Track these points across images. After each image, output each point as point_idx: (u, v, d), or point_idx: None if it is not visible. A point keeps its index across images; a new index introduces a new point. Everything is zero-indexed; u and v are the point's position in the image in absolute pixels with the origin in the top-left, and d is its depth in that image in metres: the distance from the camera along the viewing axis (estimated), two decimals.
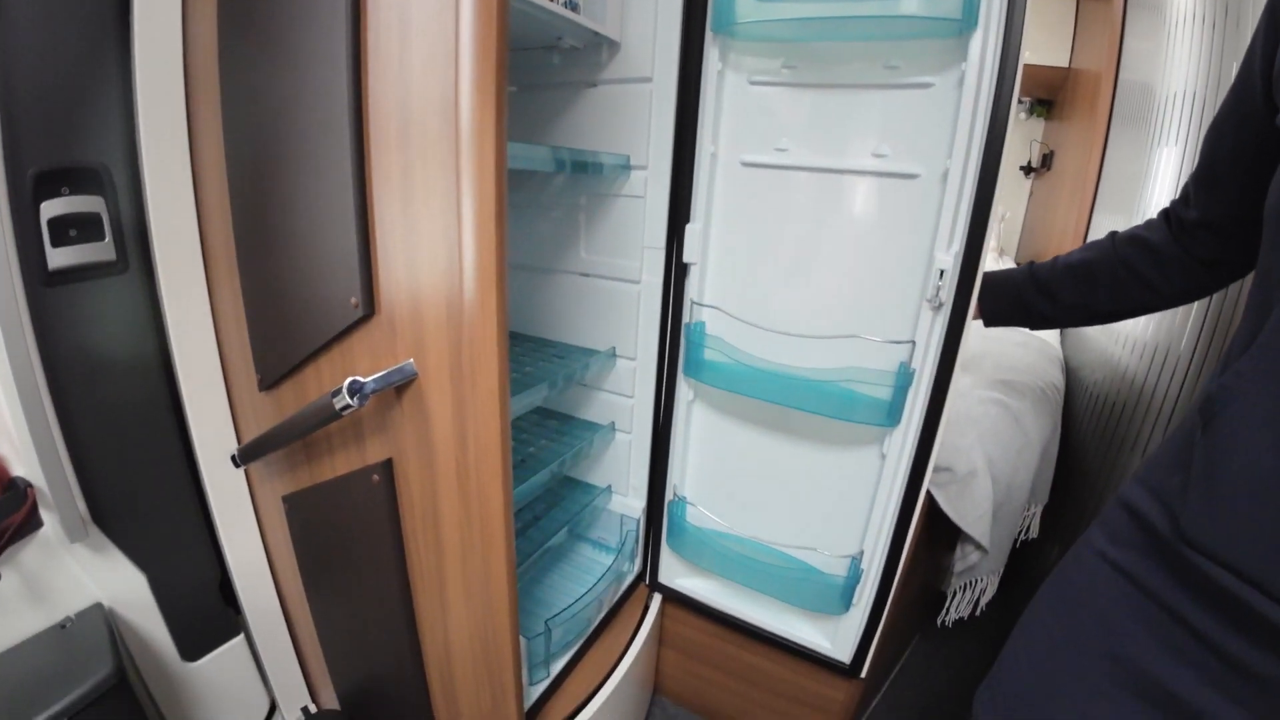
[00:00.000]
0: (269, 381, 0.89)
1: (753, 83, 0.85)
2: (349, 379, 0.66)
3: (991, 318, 0.88)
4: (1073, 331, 1.70)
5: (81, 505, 0.91)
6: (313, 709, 1.27)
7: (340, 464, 0.85)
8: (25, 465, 0.86)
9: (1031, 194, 2.47)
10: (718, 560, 1.04)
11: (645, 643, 1.14)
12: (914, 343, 0.81)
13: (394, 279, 0.67)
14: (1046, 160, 2.38)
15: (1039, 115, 2.46)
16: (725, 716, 1.33)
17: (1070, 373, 1.65)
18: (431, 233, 0.62)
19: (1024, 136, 2.43)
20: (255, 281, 0.84)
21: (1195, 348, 1.03)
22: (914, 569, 1.11)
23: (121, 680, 0.88)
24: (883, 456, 0.89)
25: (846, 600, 0.99)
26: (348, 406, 0.67)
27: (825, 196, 0.85)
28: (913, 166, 0.79)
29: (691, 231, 0.91)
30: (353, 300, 0.69)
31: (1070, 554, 0.62)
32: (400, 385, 0.70)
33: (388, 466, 0.77)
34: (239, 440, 1.02)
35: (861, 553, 0.95)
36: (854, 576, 0.97)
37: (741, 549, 1.03)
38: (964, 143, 0.72)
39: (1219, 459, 0.46)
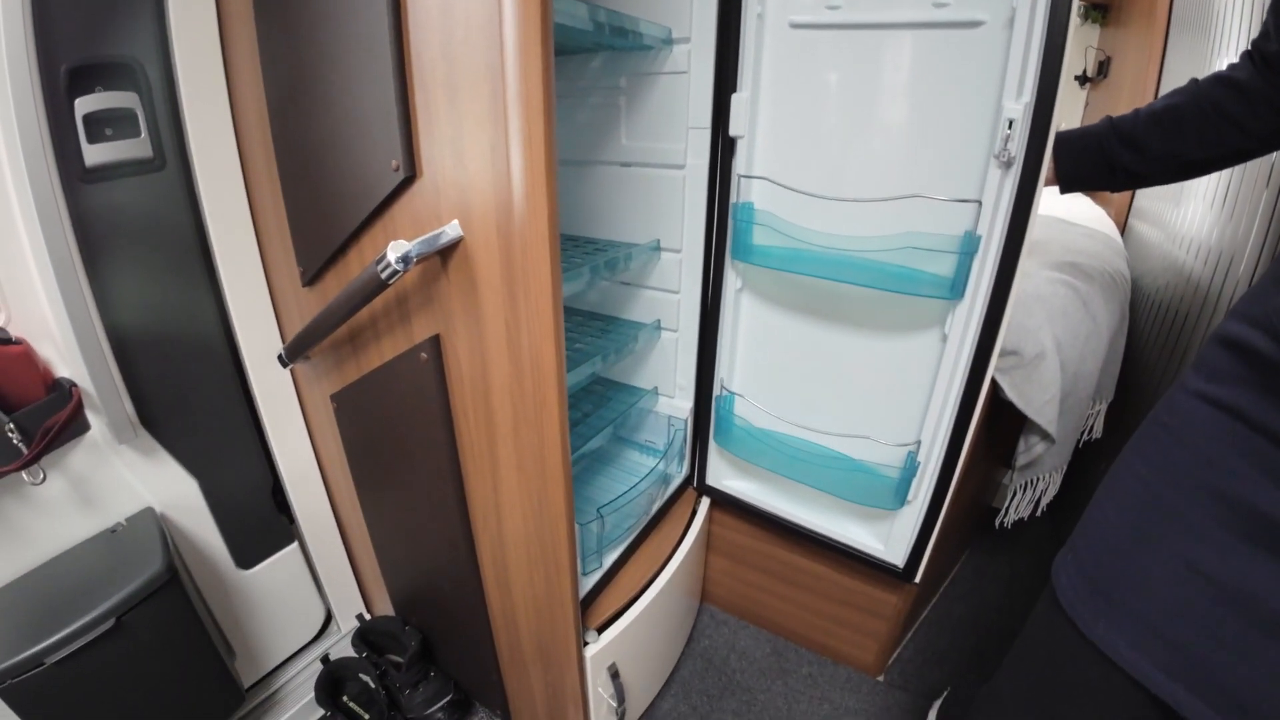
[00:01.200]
0: (311, 273, 0.88)
1: None
2: (392, 243, 0.64)
3: (1069, 180, 0.80)
4: (1135, 236, 1.61)
5: (129, 406, 0.92)
6: (367, 616, 1.31)
7: (387, 350, 0.84)
8: (70, 366, 0.87)
9: (1088, 104, 2.32)
10: (767, 455, 1.02)
11: (693, 546, 1.14)
12: (980, 203, 0.75)
13: (435, 137, 0.64)
14: (1103, 68, 2.23)
15: (1094, 21, 2.29)
16: (774, 623, 1.33)
17: (1133, 281, 1.57)
18: (474, 80, 0.59)
19: (1079, 43, 2.27)
20: (294, 170, 0.82)
21: (1261, 252, 0.97)
22: (970, 472, 1.08)
23: (173, 578, 0.90)
24: (944, 338, 0.85)
25: (902, 496, 0.96)
26: (394, 272, 0.65)
27: (884, 54, 0.79)
28: (976, 13, 0.72)
29: (738, 101, 0.86)
30: (393, 163, 0.67)
31: (1162, 402, 0.58)
32: (446, 250, 0.68)
33: (435, 343, 0.76)
34: (284, 341, 1.02)
35: (919, 443, 0.92)
36: (910, 469, 0.94)
37: (792, 442, 1.00)
38: None
39: None
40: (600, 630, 0.92)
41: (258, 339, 1.01)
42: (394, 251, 0.64)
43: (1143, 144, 0.74)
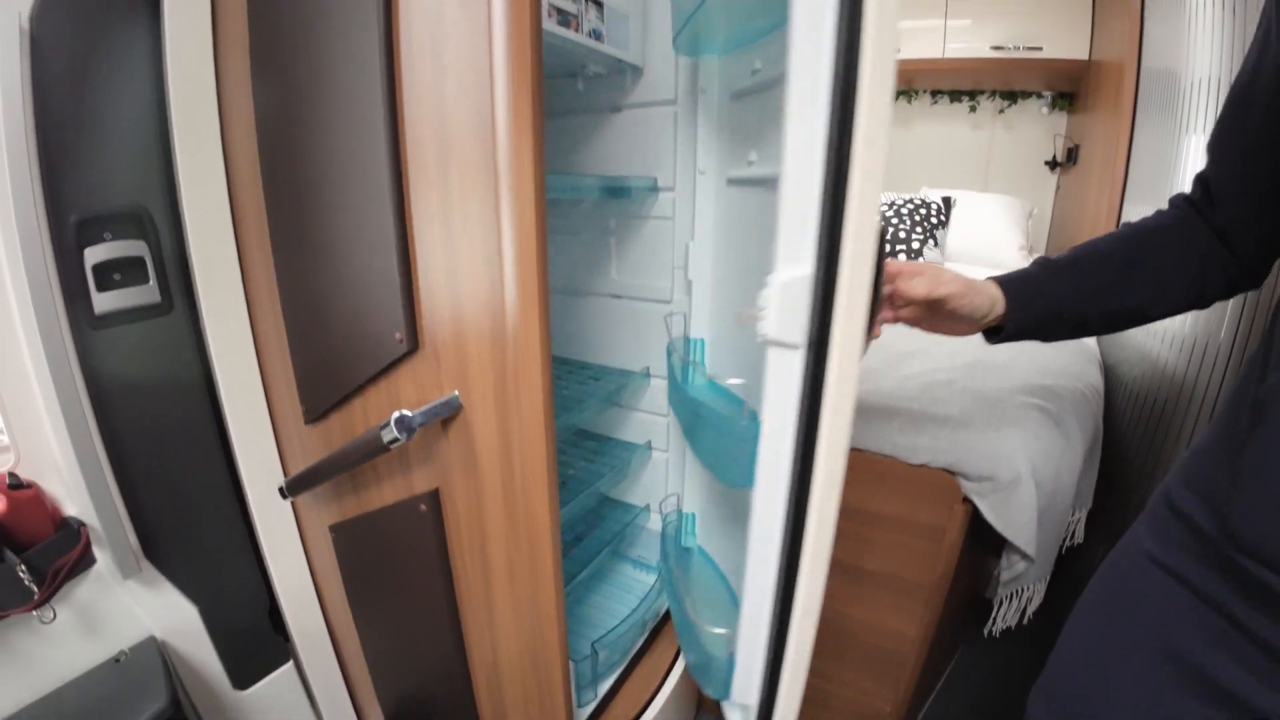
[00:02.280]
0: (315, 415, 0.91)
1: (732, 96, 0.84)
2: (396, 413, 0.68)
3: (1013, 330, 0.69)
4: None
5: (133, 540, 0.94)
6: None
7: (388, 494, 0.87)
8: (77, 505, 0.89)
9: (1059, 189, 2.44)
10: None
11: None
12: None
13: (437, 313, 0.69)
14: (1072, 154, 2.35)
15: (1061, 109, 2.43)
16: None
17: (1108, 370, 1.62)
18: (473, 265, 0.64)
19: (1046, 131, 2.41)
20: (298, 319, 0.87)
21: (1234, 339, 1.01)
22: (957, 579, 1.11)
23: (176, 712, 0.91)
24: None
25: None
26: (395, 440, 0.69)
27: (754, 207, 0.78)
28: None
29: (692, 248, 0.92)
30: (397, 335, 0.71)
31: (1116, 554, 0.61)
32: (446, 417, 0.72)
33: (435, 496, 0.79)
34: (285, 471, 1.05)
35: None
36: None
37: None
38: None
39: (1271, 459, 0.46)
40: None
41: (259, 468, 1.03)
42: (398, 422, 0.68)
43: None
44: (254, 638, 1.12)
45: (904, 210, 1.99)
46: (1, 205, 0.75)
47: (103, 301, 0.86)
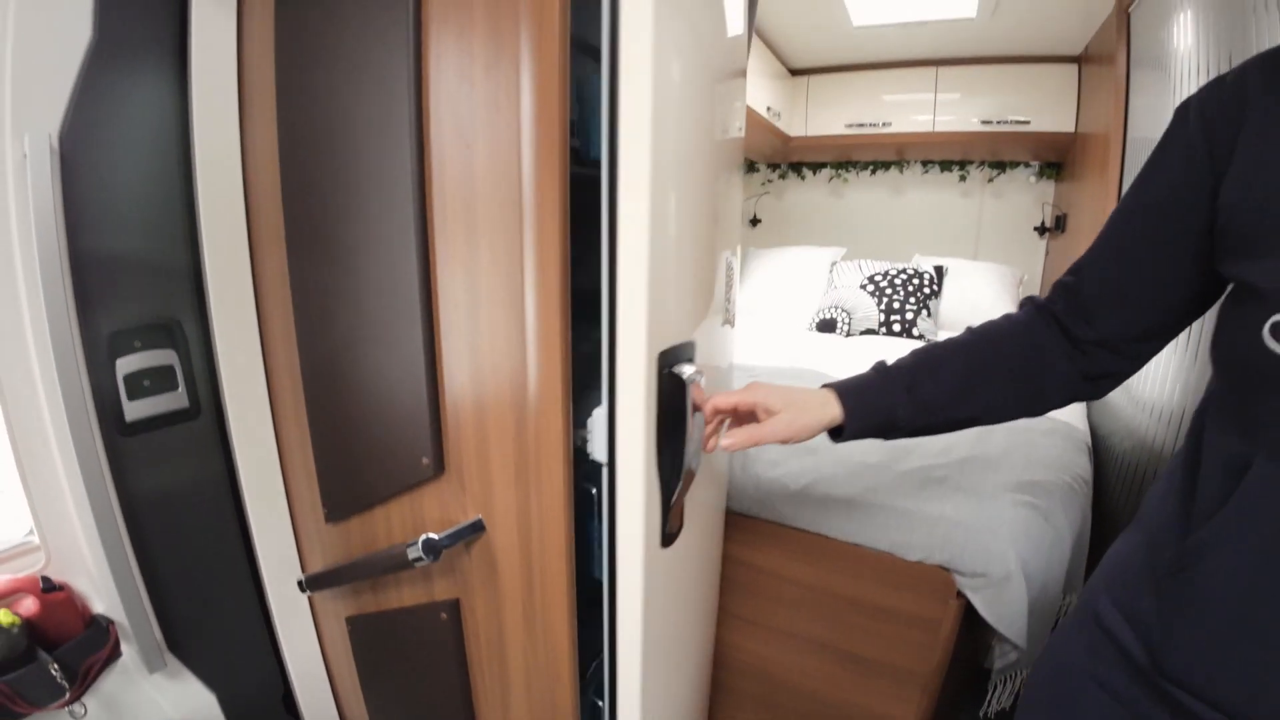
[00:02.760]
0: (336, 517, 0.96)
1: None
2: (423, 536, 0.73)
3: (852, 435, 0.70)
4: (1099, 402, 1.74)
5: (158, 635, 0.98)
6: None
7: (407, 596, 0.91)
8: (105, 602, 0.93)
9: (1048, 253, 2.53)
10: None
11: None
12: None
13: (463, 440, 0.74)
14: (1060, 222, 2.45)
15: (1048, 177, 2.53)
16: None
17: (1099, 441, 1.68)
18: (499, 394, 0.69)
19: (1035, 198, 2.51)
20: (324, 428, 0.91)
21: None
22: (953, 665, 1.15)
23: None
24: None
25: None
26: (421, 560, 0.74)
27: None
28: None
29: None
30: (424, 460, 0.77)
31: (1052, 664, 0.64)
32: (470, 539, 0.77)
33: (455, 606, 0.83)
34: (302, 562, 1.09)
35: None
36: None
37: None
38: None
39: (1196, 606, 0.50)
40: None
41: (277, 562, 1.07)
42: (425, 545, 0.73)
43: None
44: None
45: (897, 281, 2.08)
46: (36, 320, 0.80)
47: (134, 409, 0.90)
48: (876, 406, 0.68)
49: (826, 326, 2.10)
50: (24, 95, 0.75)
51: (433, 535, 0.74)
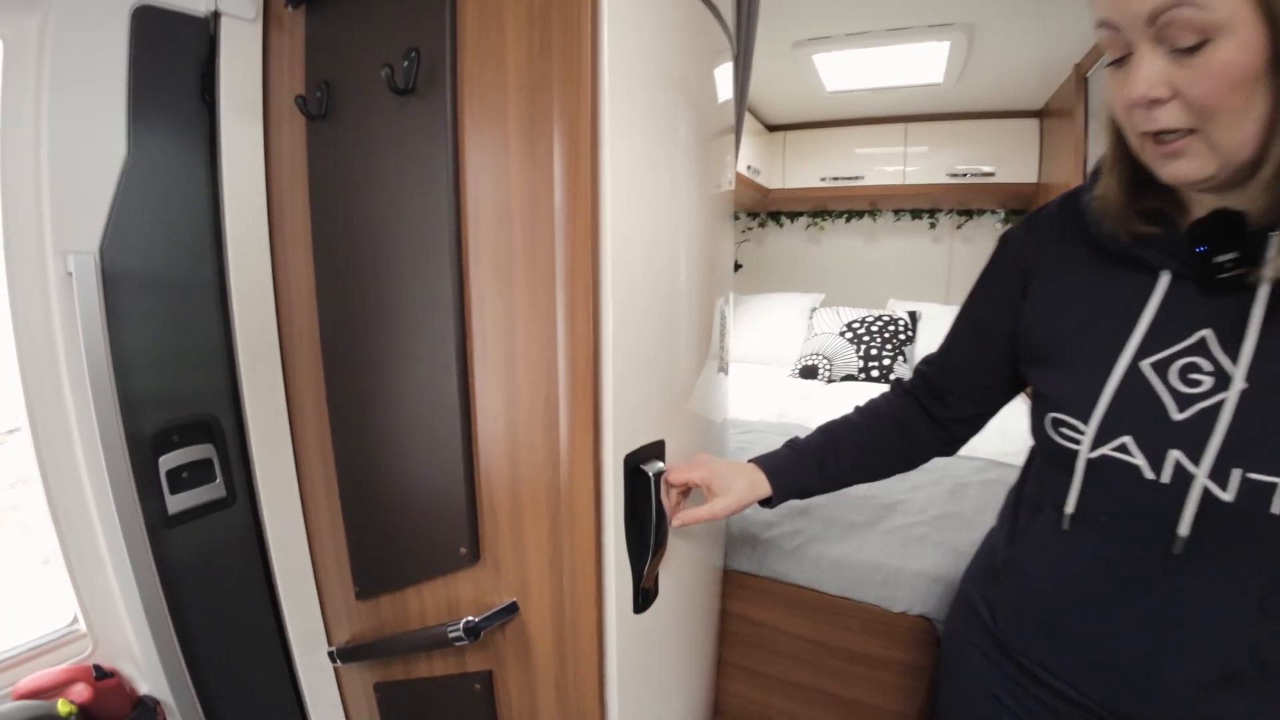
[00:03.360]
0: (368, 594, 1.04)
1: None
2: (464, 620, 0.83)
3: (778, 502, 0.86)
4: None
5: (200, 712, 1.04)
6: None
7: (438, 667, 0.99)
8: (149, 684, 1.00)
9: None
10: None
11: None
12: None
13: (499, 531, 0.83)
14: None
15: (1014, 223, 2.69)
16: None
17: None
18: (535, 490, 0.79)
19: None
20: (358, 516, 0.99)
21: None
22: None
23: None
24: None
25: None
26: (461, 640, 0.83)
27: None
28: None
29: None
30: (461, 550, 0.86)
31: (947, 635, 0.87)
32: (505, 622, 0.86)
33: (488, 678, 0.92)
34: (329, 636, 1.16)
35: None
36: None
37: None
38: None
39: (1015, 600, 0.72)
40: None
41: (306, 636, 1.14)
42: (464, 627, 0.82)
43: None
44: None
45: (874, 328, 2.22)
46: (83, 425, 0.87)
47: (175, 503, 0.97)
48: (795, 482, 0.86)
49: (809, 373, 2.23)
50: (64, 215, 0.82)
51: (473, 618, 0.83)
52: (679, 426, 0.91)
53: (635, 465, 0.79)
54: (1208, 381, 0.55)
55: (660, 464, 0.81)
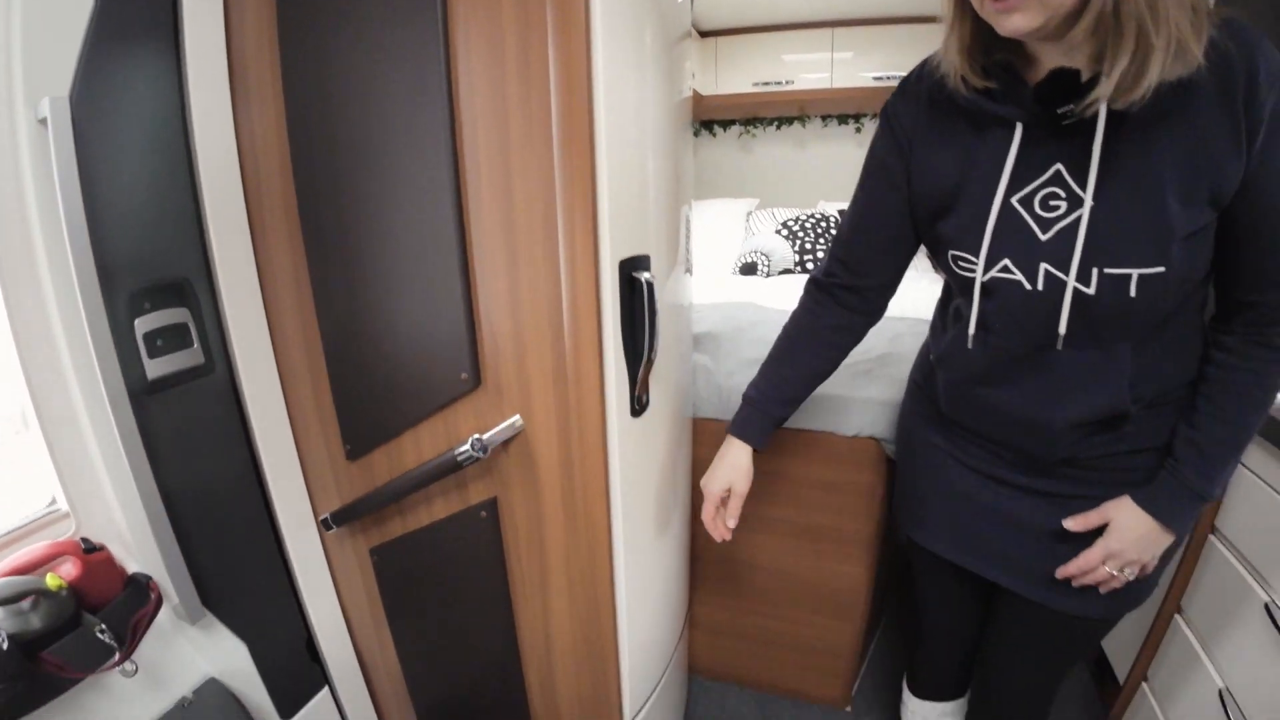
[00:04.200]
0: (360, 451, 1.08)
1: None
2: (472, 438, 0.90)
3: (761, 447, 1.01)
4: None
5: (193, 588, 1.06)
6: None
7: (439, 510, 1.06)
8: (140, 561, 1.00)
9: None
10: None
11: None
12: None
13: (500, 350, 0.89)
14: None
15: None
16: (754, 681, 1.62)
17: None
18: (535, 306, 0.85)
19: None
20: (345, 368, 1.02)
21: None
22: (889, 529, 1.45)
23: None
24: None
25: None
26: (470, 458, 0.90)
27: None
28: None
29: None
30: (463, 375, 0.92)
31: (902, 409, 1.08)
32: (509, 438, 0.94)
33: (493, 504, 1.00)
34: (315, 509, 1.20)
35: None
36: None
37: None
38: None
39: (945, 382, 0.89)
40: None
41: (293, 510, 1.17)
42: (472, 443, 0.89)
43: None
44: (294, 668, 1.24)
45: (807, 224, 2.38)
46: (60, 285, 0.86)
47: (154, 368, 0.96)
48: (765, 429, 1.00)
49: (749, 270, 2.37)
50: (35, 62, 0.80)
51: (479, 435, 0.90)
52: (662, 257, 0.99)
53: (629, 273, 0.87)
54: (1064, 205, 0.68)
55: (649, 273, 0.89)
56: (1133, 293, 0.67)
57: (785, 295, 1.50)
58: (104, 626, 0.92)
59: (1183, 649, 1.15)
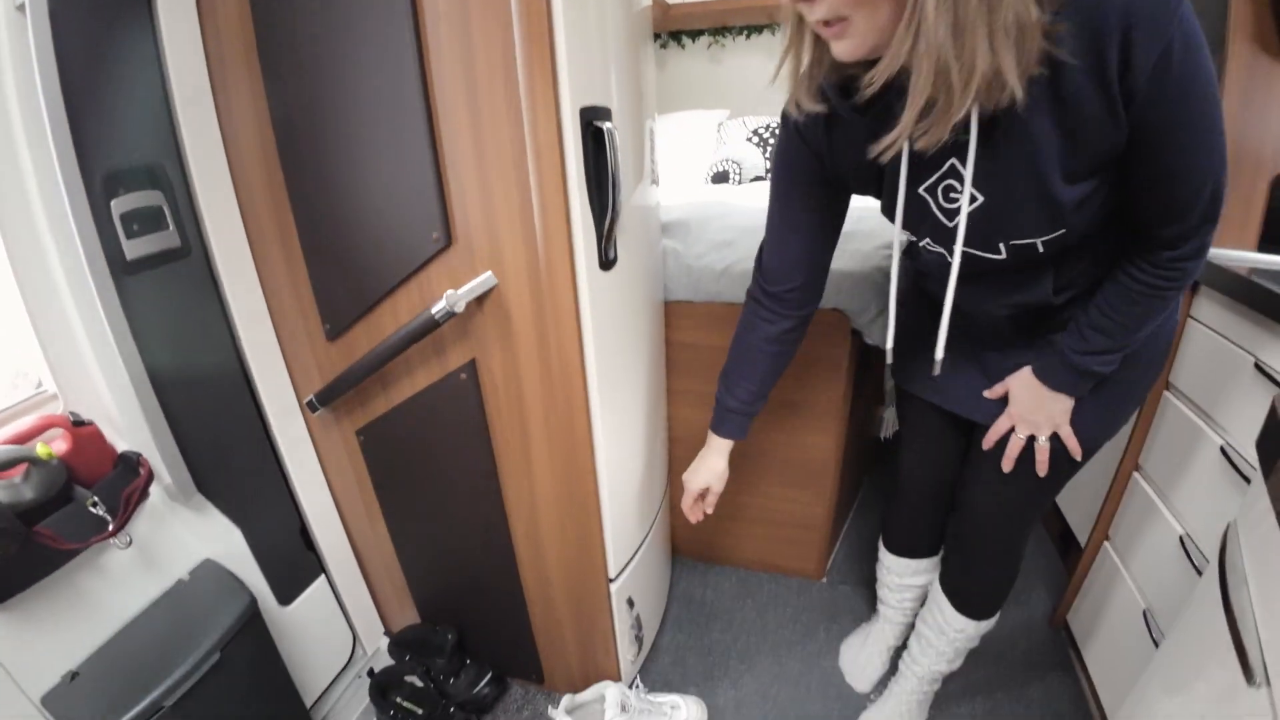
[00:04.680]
0: (339, 329, 1.12)
1: None
2: (448, 291, 0.93)
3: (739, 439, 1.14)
4: None
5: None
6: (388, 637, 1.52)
7: (420, 380, 1.10)
8: (129, 440, 1.03)
9: None
10: None
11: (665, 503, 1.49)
12: None
13: (468, 209, 0.92)
14: None
15: None
16: (734, 558, 1.72)
17: None
18: (500, 159, 0.87)
19: None
20: (319, 242, 1.04)
21: None
22: (856, 401, 1.52)
23: (256, 611, 1.12)
24: None
25: None
26: (448, 314, 0.94)
27: None
28: None
29: None
30: (434, 235, 0.95)
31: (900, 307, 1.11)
32: (482, 294, 0.98)
33: (471, 366, 1.05)
34: (298, 394, 1.24)
35: None
36: None
37: None
38: None
39: (921, 294, 0.99)
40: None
41: (276, 394, 1.21)
42: (447, 298, 0.93)
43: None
44: (290, 556, 1.30)
45: (778, 132, 2.38)
46: (40, 163, 0.88)
47: (132, 249, 0.98)
48: (743, 425, 1.13)
49: (720, 178, 2.39)
50: None
51: (452, 290, 0.94)
52: (625, 119, 1.02)
53: (590, 121, 0.90)
54: (959, 197, 0.74)
55: (610, 123, 0.92)
56: (1041, 250, 0.76)
57: (756, 196, 1.53)
58: (96, 500, 0.96)
59: (1142, 504, 1.22)
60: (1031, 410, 0.91)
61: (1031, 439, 0.93)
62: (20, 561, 0.89)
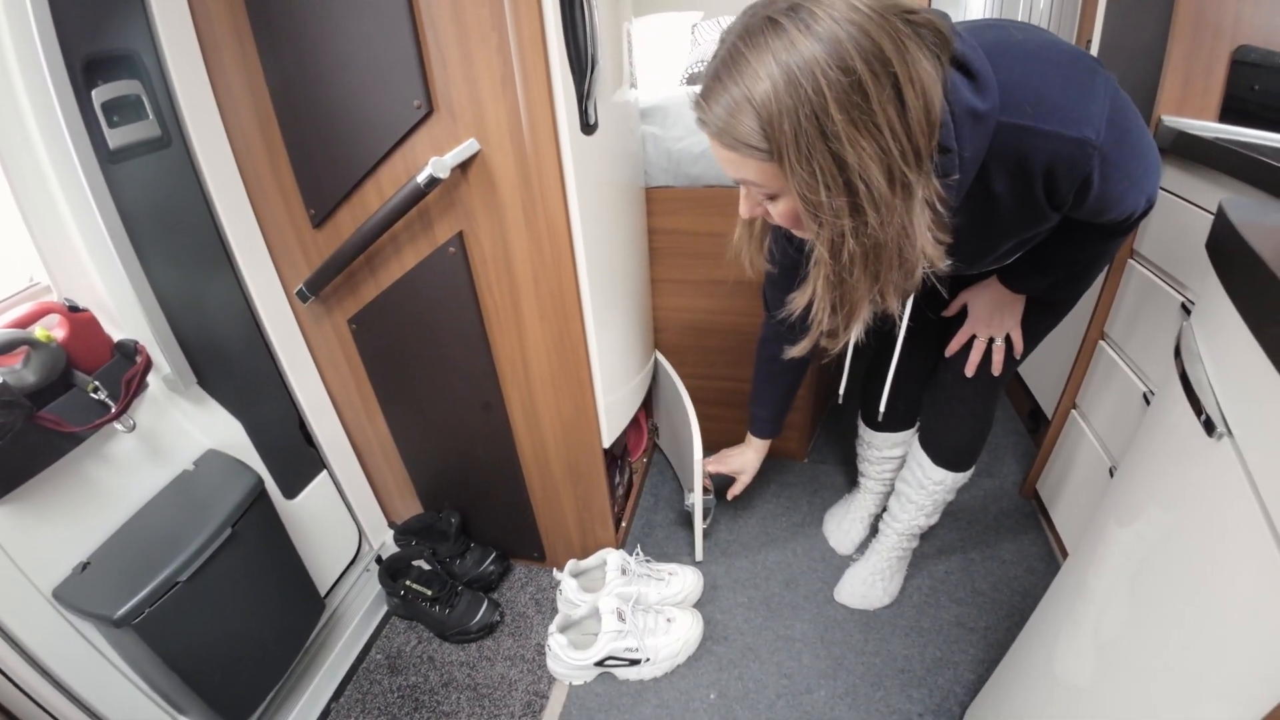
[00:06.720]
0: (324, 214, 1.16)
1: None
2: (433, 158, 0.98)
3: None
4: None
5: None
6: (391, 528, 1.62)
7: (409, 259, 1.16)
8: (125, 330, 1.07)
9: None
10: None
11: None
12: None
13: (450, 75, 0.97)
14: None
15: None
16: (720, 443, 1.83)
17: None
18: (479, 20, 0.91)
19: None
20: (299, 122, 1.08)
21: None
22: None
23: (264, 489, 1.19)
24: None
25: None
26: (434, 180, 0.99)
27: None
28: None
29: None
30: (415, 103, 0.99)
31: None
32: (465, 163, 1.02)
33: (459, 238, 1.10)
34: (285, 287, 1.29)
35: None
36: None
37: None
38: None
39: None
40: None
41: (264, 287, 1.26)
42: (433, 164, 0.98)
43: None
44: (292, 449, 1.38)
45: None
46: (22, 48, 0.89)
47: (114, 137, 1.01)
48: (776, 428, 1.38)
49: (695, 80, 2.41)
50: None
51: (437, 156, 0.99)
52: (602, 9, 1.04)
53: None
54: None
55: None
56: (1007, 260, 0.96)
57: None
58: (97, 385, 1.01)
59: (1107, 369, 1.32)
60: (989, 310, 1.07)
61: (990, 342, 1.10)
62: (24, 449, 0.93)
